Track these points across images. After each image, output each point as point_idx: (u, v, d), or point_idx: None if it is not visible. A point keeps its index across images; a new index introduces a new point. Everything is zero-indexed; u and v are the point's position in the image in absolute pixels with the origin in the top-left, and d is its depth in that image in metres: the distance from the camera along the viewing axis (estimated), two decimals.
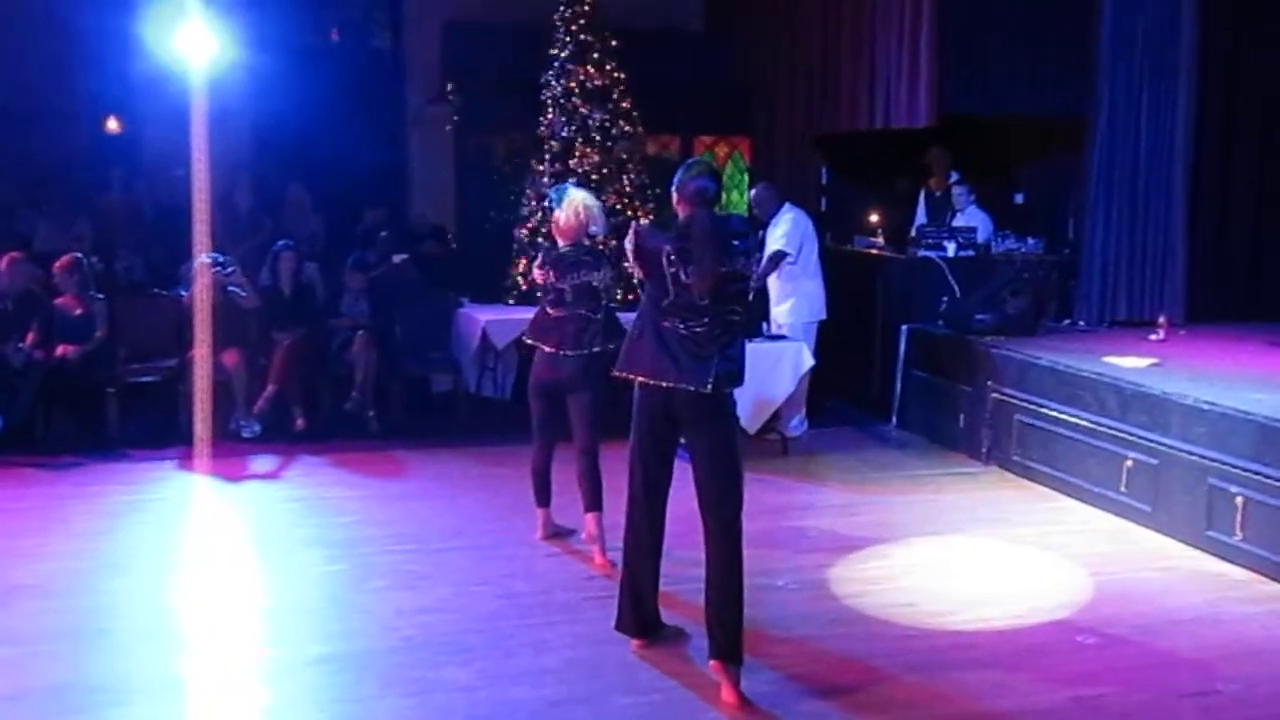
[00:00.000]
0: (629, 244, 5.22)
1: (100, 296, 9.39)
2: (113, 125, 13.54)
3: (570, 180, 7.59)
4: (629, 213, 10.19)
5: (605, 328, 6.60)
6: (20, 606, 5.91)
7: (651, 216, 10.01)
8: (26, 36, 12.20)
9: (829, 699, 4.98)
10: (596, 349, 6.54)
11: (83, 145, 12.88)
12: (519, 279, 10.25)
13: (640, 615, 5.40)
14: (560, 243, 6.69)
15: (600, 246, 6.79)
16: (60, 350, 9.00)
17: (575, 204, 6.62)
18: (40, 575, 6.30)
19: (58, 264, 9.21)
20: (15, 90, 12.31)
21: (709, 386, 4.97)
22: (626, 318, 7.66)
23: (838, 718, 4.84)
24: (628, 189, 10.32)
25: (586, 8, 10.33)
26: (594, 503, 6.63)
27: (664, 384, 5.05)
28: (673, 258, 5.00)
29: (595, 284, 6.61)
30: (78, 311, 9.20)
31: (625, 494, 5.34)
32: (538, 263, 6.79)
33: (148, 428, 9.16)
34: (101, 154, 13.00)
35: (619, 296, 8.02)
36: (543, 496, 6.93)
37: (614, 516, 6.14)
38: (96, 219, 11.75)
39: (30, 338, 8.92)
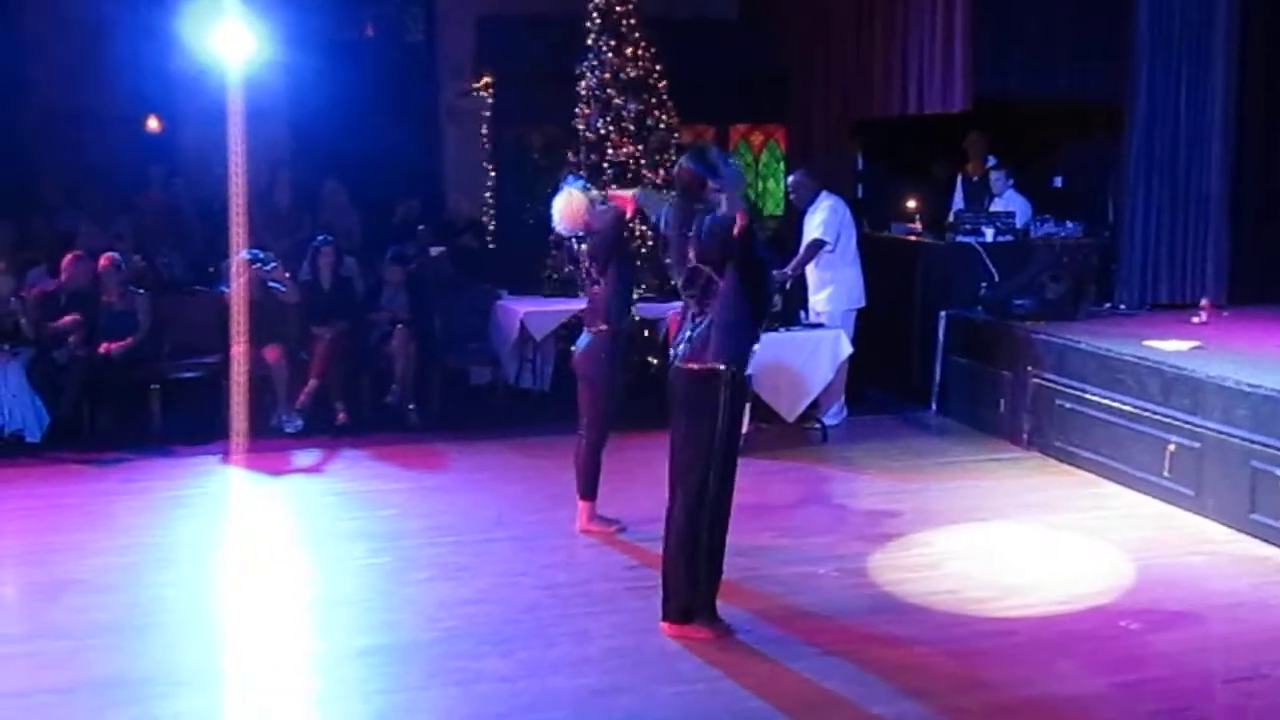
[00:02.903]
0: None
1: (142, 292, 9.48)
2: (153, 124, 13.64)
3: (578, 174, 7.74)
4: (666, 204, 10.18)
5: (611, 304, 6.73)
6: (69, 601, 5.99)
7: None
8: (66, 38, 12.31)
9: (870, 685, 4.98)
10: (603, 325, 6.72)
11: (123, 144, 12.96)
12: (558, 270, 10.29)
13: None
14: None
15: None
16: (104, 347, 9.10)
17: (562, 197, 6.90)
18: (88, 570, 6.38)
19: (99, 262, 9.31)
20: (56, 91, 12.42)
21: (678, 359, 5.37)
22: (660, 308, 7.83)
23: (879, 703, 4.84)
24: (663, 180, 10.31)
25: None
26: (584, 489, 6.84)
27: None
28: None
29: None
30: (120, 309, 9.29)
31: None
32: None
33: (191, 423, 9.23)
34: (141, 153, 13.09)
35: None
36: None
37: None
38: (136, 217, 11.85)
39: (70, 319, 9.01)
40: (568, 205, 6.82)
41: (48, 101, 12.34)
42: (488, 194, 13.22)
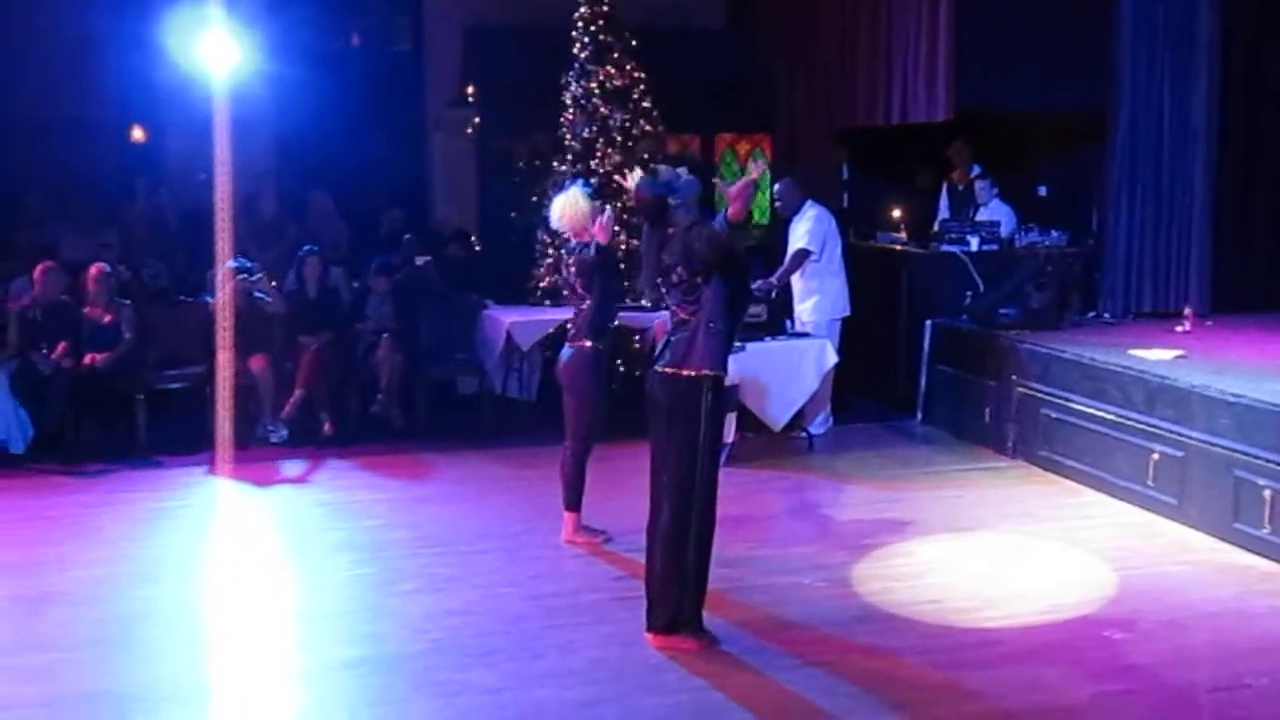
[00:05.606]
0: None
1: (127, 303, 9.46)
2: (137, 134, 13.61)
3: (587, 182, 7.73)
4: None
5: (592, 321, 6.72)
6: (52, 614, 5.97)
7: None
8: (51, 47, 12.28)
9: (854, 697, 4.99)
10: (585, 342, 6.71)
11: (108, 154, 12.94)
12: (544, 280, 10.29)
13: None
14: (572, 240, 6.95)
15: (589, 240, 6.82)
16: (89, 358, 9.06)
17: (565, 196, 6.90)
18: (71, 583, 6.36)
19: (89, 273, 9.29)
20: (41, 100, 12.38)
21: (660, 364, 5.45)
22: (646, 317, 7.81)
23: (863, 714, 4.85)
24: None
25: (605, 8, 10.31)
26: (569, 500, 6.84)
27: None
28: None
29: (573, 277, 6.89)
30: (106, 320, 9.26)
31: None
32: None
33: (177, 434, 9.20)
34: (126, 163, 13.07)
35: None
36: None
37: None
38: (121, 227, 11.82)
39: (61, 347, 8.98)
40: (570, 203, 6.78)
41: (32, 111, 12.29)
42: (474, 203, 13.23)
